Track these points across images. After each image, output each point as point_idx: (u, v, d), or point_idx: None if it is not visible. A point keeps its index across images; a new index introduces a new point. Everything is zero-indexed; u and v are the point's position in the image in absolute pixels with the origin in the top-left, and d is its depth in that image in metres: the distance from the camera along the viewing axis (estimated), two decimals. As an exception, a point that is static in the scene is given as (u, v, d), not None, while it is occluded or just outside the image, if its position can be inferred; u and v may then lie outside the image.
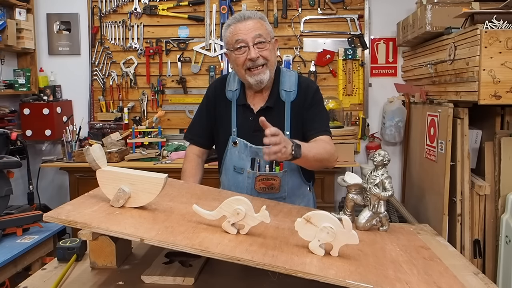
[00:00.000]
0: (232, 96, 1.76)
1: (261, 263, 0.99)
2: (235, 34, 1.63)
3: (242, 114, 1.74)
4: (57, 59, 3.60)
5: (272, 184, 1.71)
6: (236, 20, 1.65)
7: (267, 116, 1.66)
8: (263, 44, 1.63)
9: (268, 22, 1.71)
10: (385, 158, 1.43)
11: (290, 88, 1.73)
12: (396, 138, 3.25)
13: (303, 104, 1.72)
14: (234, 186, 1.75)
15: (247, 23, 1.63)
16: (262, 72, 1.64)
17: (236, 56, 1.65)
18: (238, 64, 1.66)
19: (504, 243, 2.33)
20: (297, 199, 1.78)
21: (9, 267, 1.89)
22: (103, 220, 1.11)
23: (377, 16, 3.42)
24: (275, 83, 1.74)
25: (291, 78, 1.75)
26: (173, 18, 3.49)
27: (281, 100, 1.72)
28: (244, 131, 1.73)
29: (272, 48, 1.68)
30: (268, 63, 1.65)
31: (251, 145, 1.70)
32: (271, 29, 1.70)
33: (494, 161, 2.45)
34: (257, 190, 1.72)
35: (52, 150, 3.62)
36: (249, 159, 1.71)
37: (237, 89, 1.76)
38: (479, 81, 2.11)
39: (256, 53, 1.62)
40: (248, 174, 1.71)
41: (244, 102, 1.74)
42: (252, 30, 1.62)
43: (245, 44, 1.62)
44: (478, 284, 1.24)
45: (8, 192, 2.00)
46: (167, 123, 3.54)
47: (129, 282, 1.24)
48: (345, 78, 3.42)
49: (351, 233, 1.07)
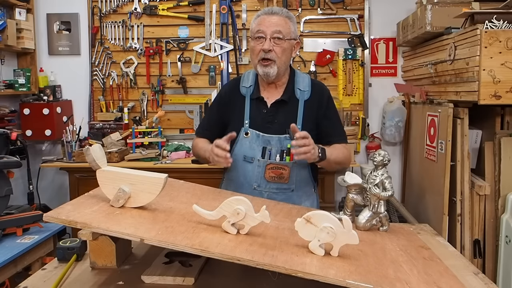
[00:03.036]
0: (246, 92, 1.83)
1: (261, 263, 0.99)
2: (259, 24, 1.75)
3: (255, 107, 1.81)
4: (57, 59, 3.60)
5: (282, 174, 1.75)
6: (264, 13, 1.77)
7: (280, 109, 1.80)
8: (280, 40, 1.72)
9: (295, 23, 1.79)
10: (385, 158, 1.43)
11: (304, 88, 1.82)
12: (396, 138, 3.25)
13: (317, 105, 1.81)
14: (243, 176, 1.78)
15: (273, 18, 1.74)
16: (269, 66, 1.72)
17: (254, 44, 1.76)
18: (254, 52, 1.76)
19: (504, 243, 2.33)
20: (303, 195, 1.82)
21: (9, 267, 1.89)
22: (103, 220, 1.12)
23: (377, 16, 3.42)
24: (290, 81, 1.83)
25: (305, 79, 1.85)
26: (173, 18, 3.49)
27: (295, 97, 1.80)
28: (256, 123, 1.78)
29: (288, 47, 1.75)
30: (278, 60, 1.72)
31: (263, 134, 1.76)
32: (295, 30, 1.79)
33: (494, 161, 2.46)
34: (266, 179, 1.75)
35: (52, 150, 3.62)
36: (260, 149, 1.75)
37: (252, 85, 1.84)
38: (479, 81, 2.11)
39: (270, 46, 1.71)
40: (259, 162, 1.75)
41: (257, 96, 1.81)
42: (274, 25, 1.72)
43: (264, 35, 1.71)
44: (478, 284, 1.24)
45: (8, 192, 2.00)
46: (167, 123, 3.54)
47: (129, 282, 1.24)
48: (345, 78, 3.42)
49: (351, 233, 1.07)
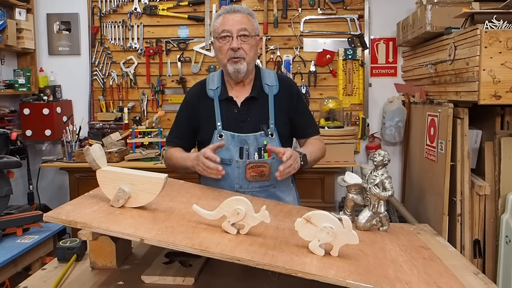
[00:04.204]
0: (214, 94, 1.81)
1: (261, 263, 0.99)
2: (222, 24, 1.73)
3: (225, 108, 1.79)
4: (57, 59, 3.60)
5: (262, 171, 1.73)
6: (226, 11, 1.75)
7: (251, 106, 1.79)
8: (246, 37, 1.72)
9: (257, 20, 1.80)
10: (385, 158, 1.43)
11: (271, 83, 1.82)
12: (396, 138, 3.25)
13: (287, 99, 1.81)
14: (223, 179, 1.71)
15: (236, 16, 1.73)
16: (239, 63, 1.72)
17: (220, 44, 1.73)
18: (222, 52, 1.74)
19: (504, 243, 2.33)
20: (285, 190, 1.82)
21: (9, 267, 1.89)
22: (103, 220, 1.12)
23: (377, 16, 3.42)
24: (257, 77, 1.83)
25: (271, 74, 1.85)
26: (173, 18, 3.49)
27: (265, 93, 1.80)
28: (229, 124, 1.76)
29: (254, 44, 1.76)
30: (247, 57, 1.73)
31: (238, 134, 1.74)
32: (258, 27, 1.79)
33: (494, 161, 2.46)
34: (247, 179, 1.73)
35: (52, 150, 3.62)
36: (237, 149, 1.73)
37: (218, 86, 1.82)
38: (479, 81, 2.11)
39: (238, 44, 1.70)
40: (238, 163, 1.73)
41: (226, 96, 1.79)
42: (238, 23, 1.71)
43: (230, 34, 1.71)
44: (478, 284, 1.24)
45: (8, 192, 2.00)
46: (167, 123, 3.54)
47: (129, 282, 1.24)
48: (345, 78, 3.42)
49: (351, 233, 1.07)
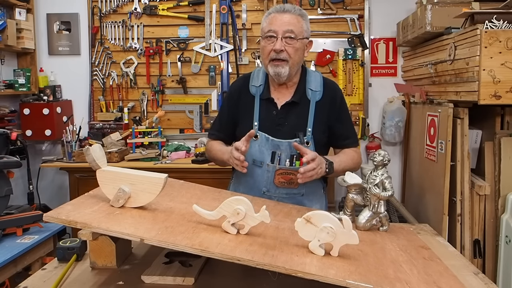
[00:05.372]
0: (256, 91, 1.77)
1: (261, 263, 0.99)
2: (270, 23, 1.68)
3: (265, 108, 1.75)
4: (57, 59, 3.60)
5: (292, 179, 1.70)
6: (276, 11, 1.69)
7: (291, 111, 1.74)
8: (292, 40, 1.65)
9: (308, 21, 1.72)
10: (385, 158, 1.43)
11: (316, 88, 1.75)
12: (396, 138, 3.25)
13: (329, 106, 1.75)
14: (252, 180, 1.74)
15: (284, 16, 1.67)
16: (281, 66, 1.67)
17: (265, 44, 1.69)
18: (264, 52, 1.70)
19: (504, 243, 2.33)
20: (314, 199, 1.78)
21: (9, 267, 1.89)
22: (103, 220, 1.12)
23: (377, 16, 3.42)
24: (302, 80, 1.77)
25: (317, 78, 1.78)
26: (173, 18, 3.49)
27: (307, 98, 1.74)
28: (266, 125, 1.73)
29: (300, 47, 1.69)
30: (290, 60, 1.67)
31: (273, 138, 1.71)
32: (308, 29, 1.72)
33: (494, 161, 2.45)
34: (276, 184, 1.72)
35: (52, 150, 3.62)
36: (270, 153, 1.71)
37: (261, 84, 1.78)
38: (479, 81, 2.11)
39: (281, 46, 1.64)
40: (268, 167, 1.71)
41: (268, 96, 1.76)
42: (286, 24, 1.65)
43: (275, 35, 1.65)
44: (478, 284, 1.24)
45: (8, 192, 2.00)
46: (167, 123, 3.54)
47: (129, 282, 1.24)
48: (345, 78, 3.42)
49: (351, 233, 1.07)
